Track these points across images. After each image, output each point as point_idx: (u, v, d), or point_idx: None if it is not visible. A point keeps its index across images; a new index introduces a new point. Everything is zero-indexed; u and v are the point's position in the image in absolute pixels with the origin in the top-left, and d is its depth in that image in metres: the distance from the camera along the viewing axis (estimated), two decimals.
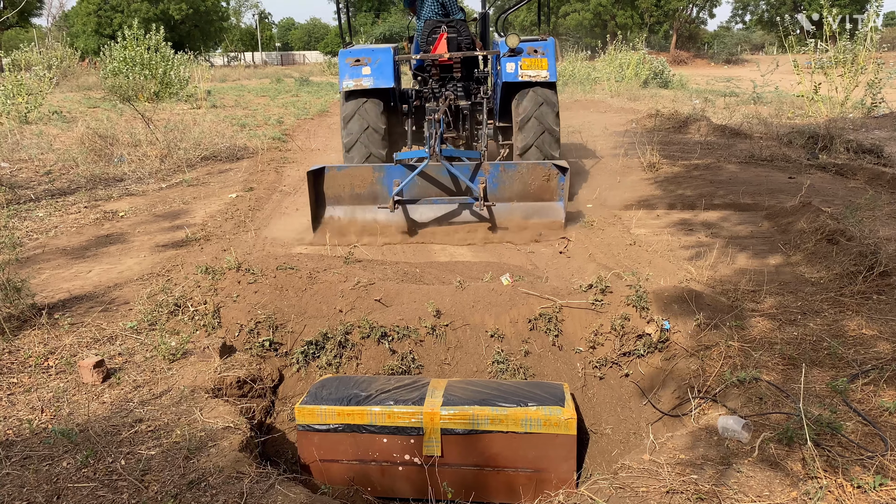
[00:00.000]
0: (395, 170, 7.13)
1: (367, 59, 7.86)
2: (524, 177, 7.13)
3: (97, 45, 39.31)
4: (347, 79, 7.86)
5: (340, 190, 7.21)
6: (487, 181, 7.06)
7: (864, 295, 4.90)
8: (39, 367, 4.32)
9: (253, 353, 4.70)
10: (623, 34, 30.65)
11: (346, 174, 7.19)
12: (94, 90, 24.18)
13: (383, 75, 7.83)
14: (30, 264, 6.43)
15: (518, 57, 7.77)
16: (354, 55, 7.93)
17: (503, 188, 7.17)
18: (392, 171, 7.14)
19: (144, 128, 13.37)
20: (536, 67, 7.78)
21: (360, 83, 7.82)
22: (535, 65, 7.78)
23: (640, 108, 18.59)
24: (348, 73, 7.86)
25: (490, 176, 7.11)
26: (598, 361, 4.73)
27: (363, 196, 7.23)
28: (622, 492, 3.06)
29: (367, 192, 7.22)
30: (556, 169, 7.02)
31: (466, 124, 8.71)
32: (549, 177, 7.09)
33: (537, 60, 7.79)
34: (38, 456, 3.38)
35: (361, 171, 7.22)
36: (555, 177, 7.05)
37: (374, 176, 7.19)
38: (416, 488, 4.02)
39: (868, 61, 15.28)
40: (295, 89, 28.60)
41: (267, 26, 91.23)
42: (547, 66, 7.79)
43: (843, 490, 2.85)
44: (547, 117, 7.85)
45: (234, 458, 3.41)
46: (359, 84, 7.82)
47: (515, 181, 7.16)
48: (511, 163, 7.45)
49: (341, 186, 7.20)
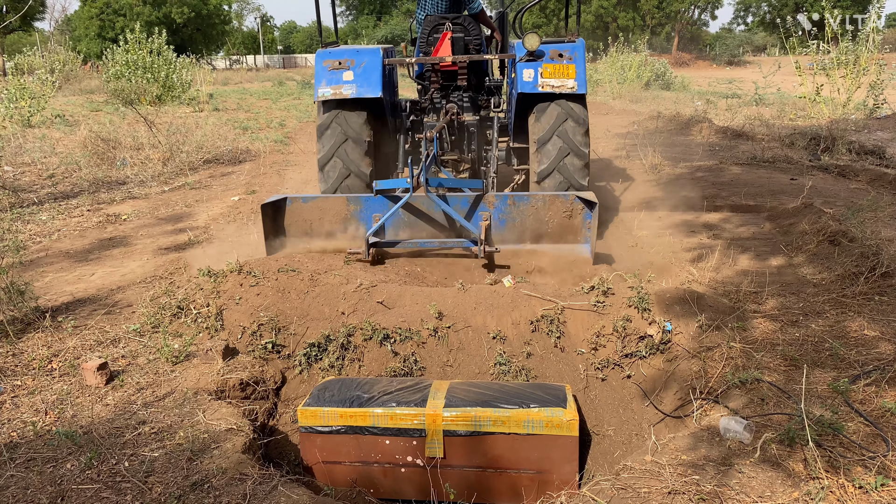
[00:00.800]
0: (376, 202, 5.83)
1: (349, 61, 6.44)
2: (539, 212, 5.72)
3: (100, 48, 39.43)
4: (324, 86, 6.43)
5: (306, 226, 5.95)
6: (492, 217, 5.75)
7: (865, 296, 4.90)
8: (43, 370, 4.33)
9: (256, 355, 4.72)
10: (625, 36, 30.66)
11: (314, 206, 5.93)
12: (96, 94, 24.26)
13: (369, 82, 6.39)
14: (33, 267, 6.46)
15: (538, 62, 6.28)
16: (335, 57, 6.52)
17: (512, 226, 5.80)
18: (371, 203, 5.85)
19: (147, 131, 13.41)
20: (561, 76, 6.25)
21: (340, 91, 6.40)
22: (560, 72, 6.26)
23: (642, 110, 18.61)
24: (325, 78, 6.45)
25: (496, 210, 5.75)
26: (600, 363, 4.74)
27: (335, 234, 5.97)
28: (624, 492, 3.07)
29: (339, 230, 5.95)
30: (581, 203, 5.63)
31: (473, 144, 7.29)
32: (571, 213, 5.68)
33: (562, 67, 6.27)
34: (42, 458, 3.40)
35: (333, 203, 5.93)
36: (579, 213, 5.66)
37: (348, 209, 5.90)
38: (418, 490, 4.02)
39: (870, 62, 15.29)
40: (297, 92, 28.66)
41: (269, 29, 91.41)
42: (575, 75, 6.26)
43: (845, 490, 2.86)
44: (573, 135, 6.34)
45: (237, 460, 3.43)
46: (338, 93, 6.41)
47: (528, 218, 5.75)
48: (522, 194, 5.96)
49: (307, 222, 5.93)
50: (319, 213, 5.95)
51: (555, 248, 5.79)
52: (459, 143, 7.28)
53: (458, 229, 5.89)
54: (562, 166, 6.39)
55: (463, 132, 7.25)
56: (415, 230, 5.94)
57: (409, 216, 5.89)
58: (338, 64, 6.47)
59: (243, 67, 64.51)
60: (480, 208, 5.80)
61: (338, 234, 5.96)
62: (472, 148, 7.31)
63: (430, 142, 5.97)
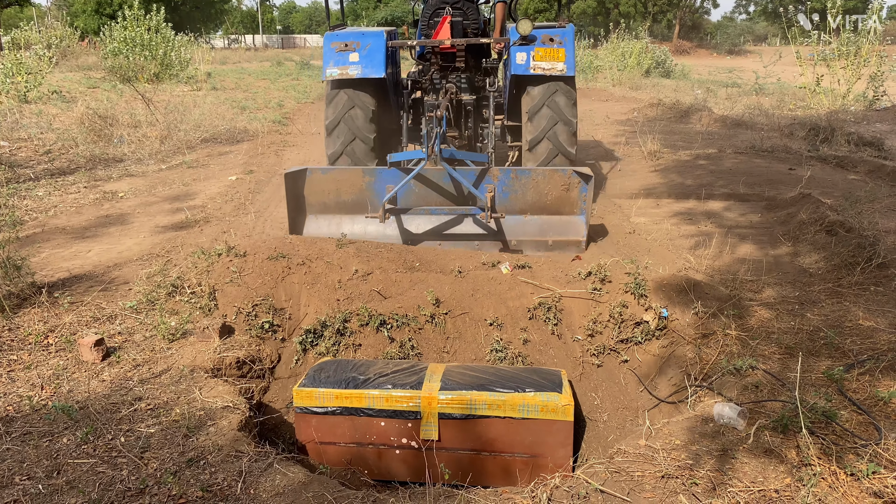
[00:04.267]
0: (389, 173, 6.19)
1: (355, 43, 6.87)
2: (539, 185, 6.14)
3: (97, 24, 39.03)
4: (332, 66, 6.90)
5: (325, 196, 6.33)
6: (496, 189, 6.14)
7: (861, 286, 4.92)
8: (39, 345, 4.33)
9: (252, 334, 4.72)
10: (626, 23, 30.50)
11: (331, 178, 6.29)
12: (93, 70, 24.05)
13: (373, 63, 6.81)
14: (29, 243, 6.43)
15: (531, 46, 6.71)
16: (342, 39, 6.95)
17: (515, 198, 6.21)
18: (385, 174, 6.20)
19: (144, 109, 13.34)
20: (551, 59, 6.69)
21: (347, 72, 6.86)
22: (550, 56, 6.69)
23: (641, 97, 18.56)
24: (333, 59, 6.90)
25: (499, 183, 6.16)
26: (597, 349, 4.75)
27: (350, 204, 6.32)
28: (617, 476, 3.09)
29: (355, 199, 6.30)
30: (578, 177, 6.07)
31: (470, 122, 7.74)
32: (568, 186, 6.10)
33: (553, 51, 6.69)
34: (38, 432, 3.40)
35: (350, 175, 6.33)
36: (576, 186, 6.09)
37: (363, 181, 6.26)
38: (413, 471, 4.05)
39: (871, 54, 15.25)
40: (296, 73, 28.48)
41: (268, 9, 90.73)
42: (564, 58, 6.70)
43: (837, 477, 2.88)
44: (561, 106, 6.81)
45: (233, 438, 3.44)
46: (345, 73, 6.86)
47: (529, 190, 6.17)
48: (524, 168, 6.53)
49: (326, 192, 6.31)
50: (336, 184, 6.29)
51: (554, 219, 6.26)
52: (457, 120, 7.65)
53: (465, 199, 6.25)
54: (551, 134, 6.88)
55: (460, 110, 7.64)
56: (426, 200, 6.30)
57: (421, 187, 6.24)
58: (344, 46, 6.89)
59: (242, 47, 64.04)
60: (485, 181, 6.17)
61: (354, 203, 6.32)
62: (468, 125, 7.74)
63: (438, 120, 6.19)
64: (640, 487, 2.99)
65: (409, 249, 5.80)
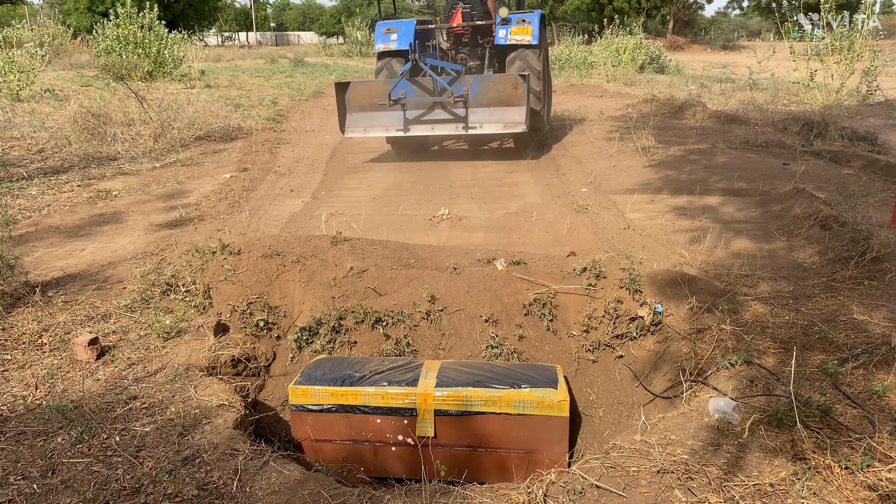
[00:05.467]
0: (401, 83, 9.45)
1: (396, 28, 10.25)
2: (497, 85, 9.10)
3: (90, 22, 38.80)
4: (380, 43, 10.32)
5: (362, 100, 9.60)
6: (469, 90, 9.13)
7: (855, 280, 4.93)
8: (33, 344, 4.32)
9: (247, 332, 4.71)
10: (620, 19, 30.51)
11: (365, 87, 9.71)
12: (86, 68, 23.90)
13: (403, 41, 10.09)
14: (23, 242, 6.40)
15: (509, 25, 9.82)
16: (387, 25, 10.40)
17: (481, 96, 9.17)
18: (400, 83, 9.44)
19: (138, 107, 13.28)
20: (522, 33, 9.72)
21: (388, 46, 10.22)
22: (522, 31, 9.72)
23: (636, 93, 18.54)
24: (381, 38, 10.29)
25: (471, 86, 9.16)
26: (592, 344, 4.76)
27: (377, 104, 9.52)
28: (613, 471, 3.09)
29: (379, 101, 9.46)
30: (521, 79, 8.91)
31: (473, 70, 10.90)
32: (515, 85, 8.98)
33: (524, 28, 9.73)
34: (32, 432, 3.39)
35: (377, 85, 9.64)
36: (520, 85, 8.89)
37: (385, 88, 9.46)
38: (409, 468, 4.05)
39: (864, 49, 15.27)
40: (289, 70, 28.36)
41: (262, 6, 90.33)
42: (531, 32, 9.70)
43: (832, 471, 2.89)
44: (529, 60, 9.77)
45: (229, 436, 3.43)
46: (387, 47, 10.25)
47: (490, 90, 9.13)
48: (486, 75, 9.79)
49: (361, 97, 9.61)
50: (369, 91, 9.68)
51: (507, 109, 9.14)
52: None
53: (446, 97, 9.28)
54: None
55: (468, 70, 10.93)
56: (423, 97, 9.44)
57: (419, 90, 9.48)
58: (387, 30, 10.30)
59: (235, 44, 63.82)
60: (461, 83, 9.23)
61: (378, 104, 9.51)
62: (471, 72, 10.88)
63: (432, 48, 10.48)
64: (635, 482, 2.99)
65: (404, 247, 5.80)
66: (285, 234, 5.84)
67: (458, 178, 9.23)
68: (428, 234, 6.76)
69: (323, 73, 27.04)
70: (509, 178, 9.12)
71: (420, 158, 10.61)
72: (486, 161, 10.29)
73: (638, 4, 57.59)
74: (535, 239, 6.48)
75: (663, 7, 59.29)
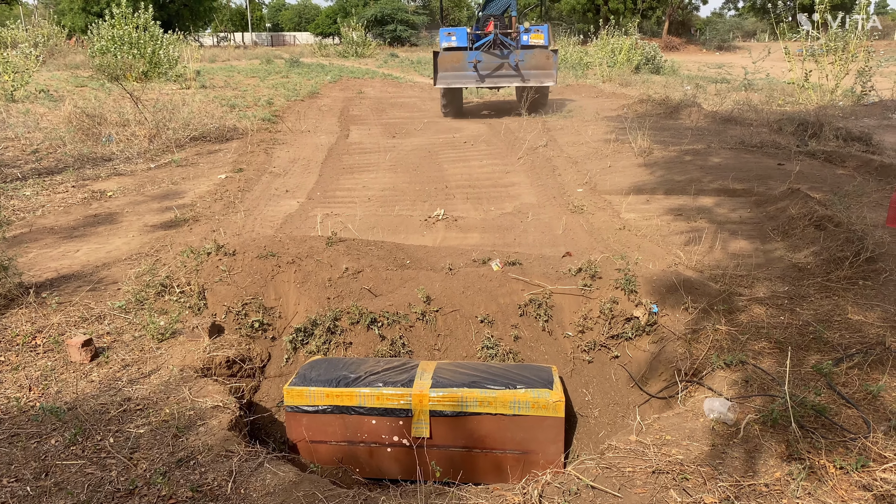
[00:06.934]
0: (474, 53, 14.38)
1: (454, 32, 15.12)
2: (536, 57, 14.30)
3: (85, 23, 38.70)
4: (444, 42, 15.05)
5: (448, 63, 14.43)
6: (520, 59, 14.21)
7: (850, 280, 4.94)
8: (27, 346, 4.30)
9: (242, 333, 4.70)
10: (615, 19, 30.49)
11: (450, 55, 14.52)
12: (81, 69, 23.87)
13: (461, 41, 14.96)
14: (17, 243, 6.38)
15: (529, 33, 14.84)
16: (448, 30, 15.26)
17: (527, 63, 14.31)
18: (472, 54, 14.41)
19: (133, 107, 13.24)
20: (537, 38, 14.81)
21: (451, 44, 14.94)
22: (537, 37, 14.82)
23: (631, 93, 18.57)
24: (444, 40, 15.06)
25: (521, 56, 14.23)
26: (587, 345, 4.76)
27: (458, 66, 14.45)
28: (608, 471, 3.09)
29: (460, 64, 14.43)
30: (552, 52, 14.43)
31: None
32: (548, 56, 14.32)
33: (538, 34, 14.85)
34: (26, 433, 3.38)
35: (458, 53, 14.51)
36: (551, 56, 14.32)
37: (464, 55, 14.43)
38: (404, 469, 4.04)
39: (859, 49, 15.32)
40: (285, 70, 28.33)
41: (257, 7, 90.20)
42: (542, 38, 14.84)
43: (826, 471, 2.89)
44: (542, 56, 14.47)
45: (224, 437, 3.42)
46: (450, 45, 14.95)
47: (532, 59, 14.29)
48: (530, 50, 14.44)
49: (448, 61, 14.42)
50: (453, 57, 14.49)
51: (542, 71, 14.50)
52: None
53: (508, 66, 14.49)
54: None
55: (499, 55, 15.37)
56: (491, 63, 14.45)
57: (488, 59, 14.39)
58: (448, 33, 15.09)
59: (231, 45, 63.69)
60: (514, 55, 14.30)
61: (459, 66, 14.41)
62: None
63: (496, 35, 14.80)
64: (631, 483, 2.99)
65: (399, 247, 5.80)
66: (280, 235, 5.82)
67: (454, 178, 9.23)
68: (423, 234, 6.76)
69: (318, 73, 27.01)
70: (505, 179, 9.13)
71: (417, 158, 10.61)
72: (481, 161, 10.29)
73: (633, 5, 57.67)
74: (530, 239, 6.49)
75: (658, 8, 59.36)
